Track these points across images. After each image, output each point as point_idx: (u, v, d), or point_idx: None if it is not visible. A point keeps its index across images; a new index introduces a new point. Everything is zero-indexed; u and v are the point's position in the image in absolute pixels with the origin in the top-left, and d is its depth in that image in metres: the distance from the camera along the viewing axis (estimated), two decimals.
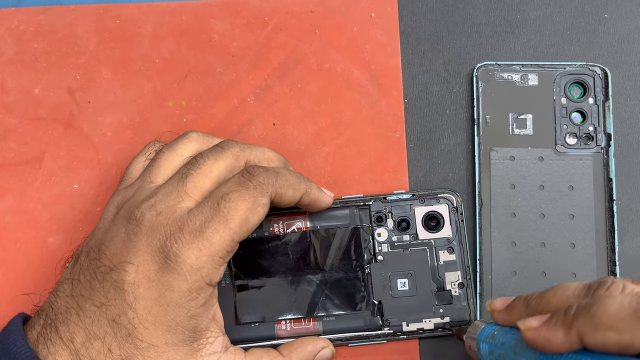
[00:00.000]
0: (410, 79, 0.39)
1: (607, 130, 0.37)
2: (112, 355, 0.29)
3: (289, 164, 0.35)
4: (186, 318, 0.30)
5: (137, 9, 0.39)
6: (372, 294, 0.35)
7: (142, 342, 0.29)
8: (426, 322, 0.35)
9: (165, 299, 0.29)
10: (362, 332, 0.35)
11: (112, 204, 0.33)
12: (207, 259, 0.29)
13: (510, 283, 0.36)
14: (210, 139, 0.34)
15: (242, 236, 0.30)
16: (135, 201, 0.31)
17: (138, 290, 0.29)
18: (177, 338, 0.30)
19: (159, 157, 0.33)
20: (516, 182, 0.37)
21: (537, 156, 0.37)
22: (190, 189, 0.31)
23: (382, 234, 0.36)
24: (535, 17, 0.39)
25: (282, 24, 0.39)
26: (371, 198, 0.36)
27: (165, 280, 0.29)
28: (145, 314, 0.29)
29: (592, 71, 0.37)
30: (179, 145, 0.33)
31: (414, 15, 0.39)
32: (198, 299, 0.30)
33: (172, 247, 0.29)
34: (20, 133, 0.38)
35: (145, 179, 0.33)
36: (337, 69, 0.39)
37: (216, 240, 0.29)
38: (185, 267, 0.29)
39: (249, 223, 0.30)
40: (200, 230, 0.29)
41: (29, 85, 0.39)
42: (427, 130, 0.38)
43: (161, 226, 0.30)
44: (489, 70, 0.38)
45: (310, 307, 0.35)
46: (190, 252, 0.29)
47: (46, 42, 0.39)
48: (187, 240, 0.29)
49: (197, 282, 0.29)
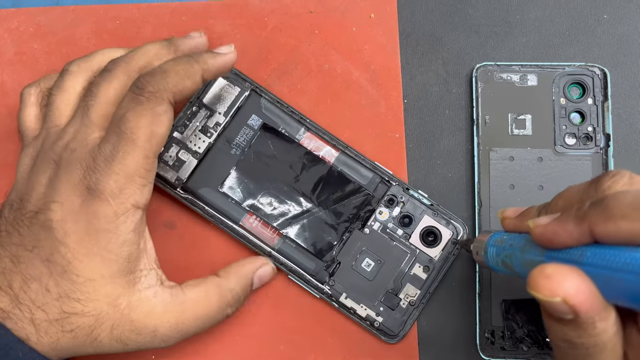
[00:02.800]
0: (410, 79, 0.39)
1: (606, 130, 0.37)
2: (50, 294, 0.30)
3: (177, 41, 0.34)
4: (118, 245, 0.30)
5: (136, 10, 0.39)
6: (338, 252, 0.36)
7: (78, 276, 0.30)
8: (361, 308, 0.36)
9: (94, 228, 0.30)
10: (308, 274, 0.36)
11: (24, 157, 0.33)
12: (125, 181, 0.30)
13: (510, 279, 0.36)
14: (90, 62, 0.34)
15: (157, 149, 0.30)
16: (48, 146, 0.32)
17: (66, 226, 0.30)
18: (113, 269, 0.30)
19: (53, 100, 0.33)
20: (515, 182, 0.37)
21: (536, 156, 0.37)
22: (95, 119, 0.31)
23: (383, 215, 0.36)
24: (535, 18, 0.39)
25: (282, 24, 0.39)
26: (396, 181, 0.36)
27: (90, 210, 0.30)
28: (78, 247, 0.30)
29: (592, 72, 0.37)
30: (66, 82, 0.33)
31: (413, 15, 0.39)
32: (127, 223, 0.30)
33: (91, 178, 0.30)
34: None
35: (50, 125, 0.33)
36: (337, 69, 0.39)
37: (129, 161, 0.30)
38: (107, 192, 0.29)
39: (156, 135, 0.30)
40: (112, 156, 0.30)
41: None
42: (427, 130, 0.39)
43: (77, 161, 0.30)
44: (488, 70, 0.38)
45: (283, 222, 0.36)
46: (108, 177, 0.29)
47: (46, 42, 0.39)
48: (102, 168, 0.30)
49: (122, 205, 0.30)
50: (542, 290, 0.21)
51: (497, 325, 0.36)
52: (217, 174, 0.36)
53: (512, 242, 0.27)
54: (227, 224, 0.36)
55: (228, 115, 0.37)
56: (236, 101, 0.37)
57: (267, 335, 0.37)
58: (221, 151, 0.36)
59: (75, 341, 0.30)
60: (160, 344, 0.32)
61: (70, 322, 0.30)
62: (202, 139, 0.36)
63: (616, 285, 0.21)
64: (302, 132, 0.37)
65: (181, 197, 0.36)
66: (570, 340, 0.23)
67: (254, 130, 0.37)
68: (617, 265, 0.21)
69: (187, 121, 0.37)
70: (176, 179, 0.36)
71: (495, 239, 0.29)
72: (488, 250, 0.29)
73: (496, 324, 0.36)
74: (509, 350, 0.35)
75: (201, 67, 0.31)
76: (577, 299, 0.21)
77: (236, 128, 0.37)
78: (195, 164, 0.36)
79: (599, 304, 0.21)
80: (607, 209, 0.22)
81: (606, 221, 0.21)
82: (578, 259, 0.22)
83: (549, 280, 0.21)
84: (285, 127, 0.37)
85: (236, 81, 0.37)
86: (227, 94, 0.37)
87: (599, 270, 0.21)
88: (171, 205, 0.37)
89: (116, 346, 0.31)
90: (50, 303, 0.30)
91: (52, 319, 0.30)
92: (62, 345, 0.30)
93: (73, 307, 0.30)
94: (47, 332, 0.30)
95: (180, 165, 0.36)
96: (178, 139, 0.36)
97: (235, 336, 0.37)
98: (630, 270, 0.20)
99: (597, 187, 0.24)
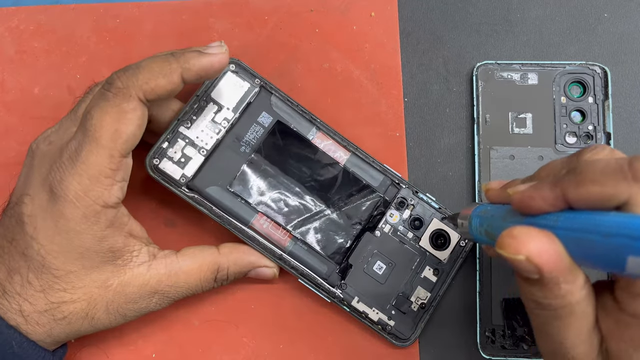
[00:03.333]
0: (410, 78, 0.39)
1: (606, 129, 0.37)
2: (32, 287, 0.29)
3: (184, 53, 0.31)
4: (95, 242, 0.29)
5: (137, 8, 0.39)
6: (350, 254, 0.35)
7: (57, 270, 0.29)
8: (373, 312, 0.35)
9: (63, 228, 0.29)
10: (319, 277, 0.35)
11: None
12: (90, 182, 0.28)
13: (511, 278, 0.36)
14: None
15: (123, 149, 0.29)
16: (40, 138, 0.32)
17: (36, 221, 0.29)
18: (95, 261, 0.30)
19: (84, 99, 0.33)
20: None
21: (537, 155, 0.37)
22: (81, 115, 0.30)
23: (394, 217, 0.36)
24: (535, 16, 0.39)
25: (282, 23, 0.39)
26: (407, 183, 0.36)
27: (56, 210, 0.29)
28: (49, 244, 0.29)
29: (592, 70, 0.37)
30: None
31: (414, 14, 0.39)
32: (100, 223, 0.29)
33: (56, 176, 0.29)
34: (21, 132, 0.38)
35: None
36: (337, 68, 0.39)
37: (92, 161, 0.28)
38: (71, 194, 0.28)
39: (122, 134, 0.28)
40: (76, 154, 0.28)
41: (29, 84, 0.39)
42: (427, 129, 0.39)
43: (49, 155, 0.30)
44: (488, 69, 0.38)
45: (295, 224, 0.35)
46: (72, 178, 0.28)
47: (46, 41, 0.39)
48: (66, 166, 0.28)
49: (91, 207, 0.29)
50: (507, 248, 0.22)
51: (497, 324, 0.36)
52: (225, 172, 0.35)
53: (494, 213, 0.28)
54: (236, 225, 0.34)
55: (237, 111, 0.35)
56: (245, 97, 0.35)
57: (267, 335, 0.37)
58: (230, 148, 0.35)
59: (71, 326, 0.30)
60: (155, 308, 0.32)
61: (61, 311, 0.30)
62: (209, 135, 0.35)
63: (586, 248, 0.21)
64: (314, 131, 0.36)
65: (186, 195, 0.34)
66: (538, 301, 0.23)
67: (264, 128, 0.35)
68: (587, 227, 0.21)
69: (194, 116, 0.35)
70: (181, 176, 0.34)
71: (479, 210, 0.29)
72: (472, 221, 0.29)
73: (497, 323, 0.36)
74: (509, 349, 0.35)
75: (180, 66, 0.29)
76: (541, 258, 0.22)
77: (246, 125, 0.35)
78: (202, 160, 0.35)
79: (565, 266, 0.22)
80: (579, 175, 0.22)
81: (577, 186, 0.22)
82: (553, 224, 0.23)
83: (515, 240, 0.22)
84: (296, 126, 0.36)
85: (246, 76, 0.36)
86: (236, 89, 0.35)
87: (571, 233, 0.22)
88: (171, 203, 0.37)
89: (115, 319, 0.31)
90: (35, 295, 0.29)
91: (41, 310, 0.29)
92: (57, 332, 0.30)
93: (60, 297, 0.29)
94: (39, 323, 0.29)
95: (186, 162, 0.34)
96: (184, 134, 0.34)
97: (235, 336, 0.37)
98: (599, 232, 0.21)
99: (578, 158, 0.25)
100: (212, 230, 0.37)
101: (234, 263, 0.34)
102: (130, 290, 0.31)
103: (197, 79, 0.30)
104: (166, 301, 0.33)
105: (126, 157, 0.29)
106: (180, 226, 0.37)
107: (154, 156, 0.34)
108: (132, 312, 0.32)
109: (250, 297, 0.37)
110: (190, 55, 0.30)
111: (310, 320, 0.37)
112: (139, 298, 0.31)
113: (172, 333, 0.36)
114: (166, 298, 0.32)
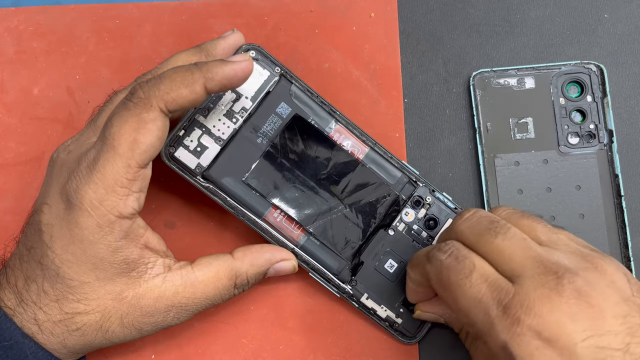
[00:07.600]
0: (410, 78, 0.39)
1: (608, 126, 0.37)
2: (48, 296, 0.29)
3: (207, 45, 0.32)
4: (109, 253, 0.29)
5: (136, 9, 0.39)
6: (362, 251, 0.35)
7: (71, 280, 0.29)
8: (382, 309, 0.35)
9: (78, 237, 0.29)
10: (330, 273, 0.35)
11: None
12: (105, 192, 0.28)
13: None
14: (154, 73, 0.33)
15: (141, 159, 0.28)
16: (61, 147, 0.32)
17: (53, 230, 0.29)
18: (109, 272, 0.29)
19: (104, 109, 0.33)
20: (523, 186, 0.37)
21: (541, 159, 0.37)
22: (101, 124, 0.30)
23: (409, 216, 0.35)
24: (535, 17, 0.39)
25: (282, 23, 0.39)
26: (424, 182, 0.36)
27: (72, 219, 0.29)
28: (64, 253, 0.29)
29: (587, 69, 0.37)
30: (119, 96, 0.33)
31: (414, 15, 0.39)
32: (114, 233, 0.29)
33: (72, 184, 0.29)
34: (20, 133, 0.38)
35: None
36: (337, 68, 0.39)
37: (109, 170, 0.28)
38: (86, 203, 0.28)
39: (140, 144, 0.28)
40: (93, 163, 0.28)
41: (29, 84, 0.39)
42: (427, 130, 0.38)
43: (68, 164, 0.30)
44: (485, 77, 0.37)
45: (308, 218, 0.35)
46: (87, 187, 0.28)
47: (46, 41, 0.39)
48: (83, 175, 0.28)
49: (105, 217, 0.28)
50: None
51: None
52: (241, 163, 0.34)
53: None
54: (250, 217, 0.34)
55: (255, 100, 0.34)
56: (265, 86, 0.34)
57: (267, 335, 0.37)
58: (246, 139, 0.34)
59: (85, 338, 0.30)
60: (173, 322, 0.32)
61: (74, 322, 0.29)
62: (226, 124, 0.34)
63: None
64: (333, 124, 0.35)
65: (201, 185, 0.34)
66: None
67: (282, 119, 0.34)
68: None
69: (211, 104, 0.34)
70: (197, 166, 0.34)
71: None
72: None
73: None
74: None
75: (203, 75, 0.29)
76: None
77: (264, 115, 0.34)
78: (218, 150, 0.34)
79: None
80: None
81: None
82: None
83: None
84: (315, 117, 0.35)
85: (266, 64, 0.34)
86: (256, 77, 0.34)
87: None
88: (171, 204, 0.37)
89: (130, 333, 0.31)
90: (50, 304, 0.29)
91: (55, 320, 0.29)
92: (71, 343, 0.30)
93: (74, 308, 0.29)
94: (53, 333, 0.29)
95: (202, 151, 0.34)
96: (201, 122, 0.34)
97: (235, 336, 0.37)
98: None
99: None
100: (212, 232, 0.37)
101: (250, 265, 0.33)
102: (145, 303, 0.30)
103: (221, 88, 0.30)
104: (184, 315, 0.32)
105: (144, 168, 0.29)
106: (180, 227, 0.37)
107: (170, 144, 0.33)
108: (149, 325, 0.31)
109: (249, 298, 0.37)
110: (213, 65, 0.29)
111: (309, 321, 0.37)
112: (154, 311, 0.31)
113: (171, 334, 0.36)
114: (184, 311, 0.32)
